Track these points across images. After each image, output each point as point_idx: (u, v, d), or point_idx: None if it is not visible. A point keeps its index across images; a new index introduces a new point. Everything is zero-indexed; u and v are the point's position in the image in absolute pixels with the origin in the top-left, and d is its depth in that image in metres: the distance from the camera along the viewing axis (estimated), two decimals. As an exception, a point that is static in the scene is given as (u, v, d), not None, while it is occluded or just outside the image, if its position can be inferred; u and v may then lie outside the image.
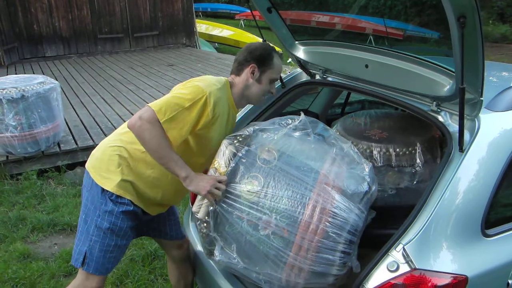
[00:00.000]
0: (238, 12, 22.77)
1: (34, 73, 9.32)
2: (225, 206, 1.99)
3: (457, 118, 1.85)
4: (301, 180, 1.94)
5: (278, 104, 2.97)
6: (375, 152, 2.52)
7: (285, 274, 1.92)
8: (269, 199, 1.92)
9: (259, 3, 2.60)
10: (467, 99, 1.80)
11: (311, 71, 2.89)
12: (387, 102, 2.37)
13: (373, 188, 2.03)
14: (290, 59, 6.85)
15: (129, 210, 2.21)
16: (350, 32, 3.35)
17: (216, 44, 15.84)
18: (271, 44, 2.44)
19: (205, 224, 2.04)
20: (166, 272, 3.47)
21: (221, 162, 2.03)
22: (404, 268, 1.65)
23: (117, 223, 2.20)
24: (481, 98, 1.81)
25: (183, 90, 2.14)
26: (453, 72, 1.88)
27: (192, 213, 2.84)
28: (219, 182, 1.98)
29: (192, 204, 2.85)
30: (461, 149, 1.82)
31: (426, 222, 1.69)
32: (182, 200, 4.47)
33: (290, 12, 3.07)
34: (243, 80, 2.33)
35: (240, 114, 2.95)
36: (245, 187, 1.95)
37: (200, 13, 23.06)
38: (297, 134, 2.16)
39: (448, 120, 2.02)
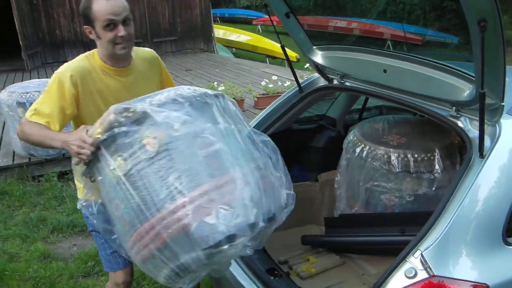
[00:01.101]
0: (255, 18, 22.79)
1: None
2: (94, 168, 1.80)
3: (477, 123, 1.82)
4: (154, 195, 1.62)
5: (296, 109, 2.96)
6: (393, 157, 2.50)
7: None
8: (123, 190, 1.66)
9: (278, 8, 2.60)
10: (487, 104, 1.78)
11: (328, 76, 2.87)
12: (405, 108, 2.35)
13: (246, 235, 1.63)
14: (307, 65, 6.84)
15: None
16: (369, 37, 3.34)
17: (234, 49, 15.88)
18: None
19: None
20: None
21: (101, 125, 1.75)
22: (422, 275, 1.62)
23: (93, 223, 2.08)
24: (502, 103, 1.78)
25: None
26: (473, 77, 1.86)
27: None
28: (85, 143, 1.77)
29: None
30: (482, 155, 1.79)
31: (445, 228, 1.66)
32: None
33: (308, 17, 3.07)
34: (98, 45, 2.19)
35: (256, 120, 2.95)
36: (113, 163, 1.70)
37: (217, 18, 23.14)
38: (207, 130, 1.71)
39: (468, 125, 1.99)
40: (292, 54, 9.02)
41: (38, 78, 9.55)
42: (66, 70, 2.14)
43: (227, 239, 1.58)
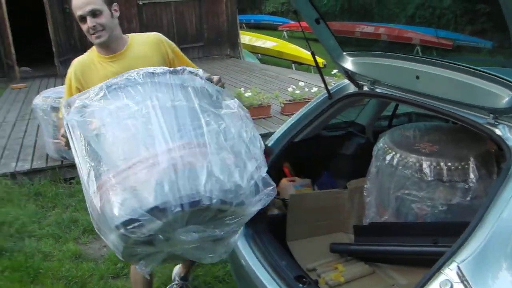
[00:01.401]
0: (281, 24, 22.79)
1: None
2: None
3: (516, 131, 1.77)
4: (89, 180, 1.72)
5: (325, 115, 2.94)
6: (425, 166, 2.44)
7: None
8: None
9: (307, 14, 2.58)
10: (528, 112, 1.73)
11: (359, 82, 2.84)
12: (439, 115, 2.30)
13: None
14: (335, 71, 6.80)
15: None
16: (397, 42, 3.29)
17: (260, 55, 15.90)
18: None
19: None
20: (209, 279, 3.51)
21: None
22: (459, 288, 1.58)
23: None
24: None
25: None
26: (513, 83, 1.81)
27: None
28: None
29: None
30: (522, 164, 1.74)
31: (483, 240, 1.60)
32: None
33: (334, 22, 3.04)
34: None
35: (285, 126, 2.93)
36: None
37: (243, 24, 23.20)
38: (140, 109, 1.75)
39: (507, 133, 1.93)
40: (319, 60, 8.97)
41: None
42: (71, 67, 2.56)
43: (124, 224, 1.58)
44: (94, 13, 2.35)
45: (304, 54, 13.46)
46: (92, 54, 2.56)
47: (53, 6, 11.07)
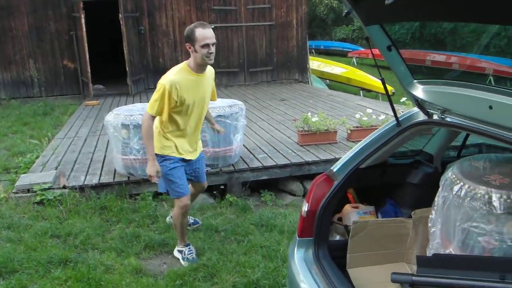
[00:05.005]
0: (350, 50, 22.79)
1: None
2: None
3: None
4: None
5: (392, 143, 2.91)
6: (494, 198, 2.37)
7: None
8: None
9: (380, 41, 2.60)
10: None
11: (428, 110, 2.81)
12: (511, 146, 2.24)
13: None
14: (403, 99, 6.72)
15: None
16: (471, 72, 3.23)
17: (328, 81, 15.93)
18: (203, 22, 3.73)
19: None
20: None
21: None
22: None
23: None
24: None
25: (155, 91, 3.73)
26: None
27: (297, 245, 2.85)
28: (158, 172, 3.84)
29: (299, 237, 2.87)
30: None
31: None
32: (287, 234, 4.52)
33: (405, 50, 3.03)
34: (191, 55, 3.74)
35: (351, 152, 2.94)
36: None
37: (313, 50, 23.37)
38: None
39: None
40: (388, 88, 8.88)
41: (140, 102, 10.18)
42: (168, 81, 3.75)
43: None
44: (214, 44, 3.65)
45: (372, 81, 13.39)
46: (188, 72, 3.79)
47: (129, 28, 11.64)
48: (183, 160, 4.00)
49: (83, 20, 11.17)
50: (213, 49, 3.63)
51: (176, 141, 3.92)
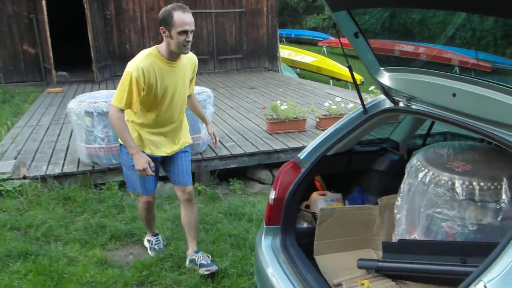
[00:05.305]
0: (321, 39, 22.86)
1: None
2: None
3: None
4: None
5: (359, 130, 2.93)
6: (457, 184, 2.42)
7: None
8: None
9: (347, 28, 2.60)
10: None
11: (395, 98, 2.84)
12: (474, 133, 2.28)
13: None
14: (372, 87, 6.78)
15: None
16: (438, 62, 3.28)
17: (298, 69, 15.95)
18: (178, 4, 3.23)
19: None
20: (235, 291, 3.51)
21: None
22: (485, 307, 1.56)
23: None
24: None
25: (121, 81, 3.26)
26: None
27: (265, 233, 2.86)
28: (149, 162, 3.32)
29: (267, 225, 2.87)
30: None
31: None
32: (255, 222, 4.52)
33: (374, 40, 3.05)
34: (164, 41, 3.27)
35: (318, 140, 2.94)
36: None
37: (283, 38, 23.36)
38: None
39: (541, 155, 1.91)
40: (357, 77, 8.96)
41: (107, 89, 9.98)
42: (135, 68, 3.25)
43: None
44: (192, 32, 3.22)
45: (342, 70, 13.47)
46: (157, 57, 3.32)
47: (93, 13, 11.32)
48: (151, 156, 3.46)
49: (43, 2, 10.65)
50: (191, 37, 3.21)
51: (144, 135, 3.50)
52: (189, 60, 3.53)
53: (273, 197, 2.84)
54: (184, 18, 3.14)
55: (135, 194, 5.22)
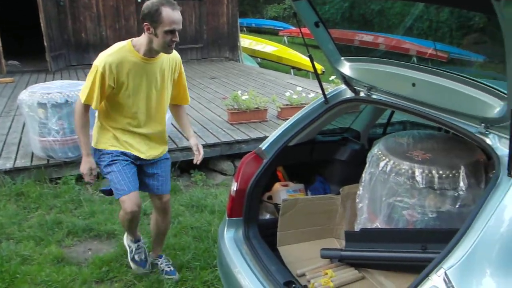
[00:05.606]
0: (282, 29, 22.86)
1: (79, 80, 9.52)
2: None
3: (506, 141, 1.79)
4: None
5: (320, 120, 2.94)
6: (417, 173, 2.45)
7: None
8: None
9: (307, 17, 2.59)
10: (518, 122, 1.74)
11: (355, 88, 2.85)
12: (432, 122, 2.31)
13: None
14: (332, 77, 6.82)
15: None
16: (397, 52, 3.32)
17: (259, 59, 15.93)
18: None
19: None
20: (198, 284, 3.47)
21: None
22: (445, 294, 1.59)
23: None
24: (534, 122, 1.74)
25: (89, 73, 2.97)
26: (505, 94, 1.82)
27: (227, 225, 2.84)
28: (92, 170, 3.16)
29: (229, 217, 2.85)
30: (510, 174, 1.75)
31: (470, 248, 1.62)
32: (218, 214, 4.50)
33: (334, 30, 3.06)
34: (146, 36, 2.92)
35: (279, 130, 2.94)
36: None
37: (244, 28, 23.25)
38: None
39: (497, 143, 1.95)
40: (318, 67, 9.00)
41: (62, 79, 9.65)
42: (104, 62, 2.93)
43: None
44: (179, 31, 2.93)
45: (303, 60, 13.52)
46: (131, 53, 2.99)
47: (45, -1, 10.86)
48: (128, 155, 3.16)
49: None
50: (177, 36, 2.92)
51: (118, 134, 3.14)
52: (169, 58, 3.16)
53: (235, 189, 2.82)
54: (173, 16, 2.84)
55: (93, 188, 5.10)
